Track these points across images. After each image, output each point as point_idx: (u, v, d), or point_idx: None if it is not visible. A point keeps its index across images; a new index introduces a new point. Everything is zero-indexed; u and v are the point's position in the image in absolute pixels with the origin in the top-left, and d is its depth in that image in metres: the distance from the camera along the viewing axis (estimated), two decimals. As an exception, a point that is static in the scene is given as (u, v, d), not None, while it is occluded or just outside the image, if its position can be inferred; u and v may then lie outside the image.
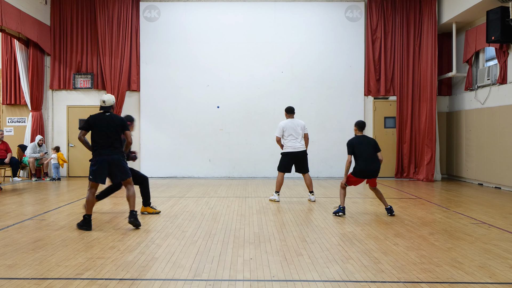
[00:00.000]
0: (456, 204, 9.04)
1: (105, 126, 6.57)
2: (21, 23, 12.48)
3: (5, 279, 4.36)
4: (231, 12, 14.44)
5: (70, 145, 14.49)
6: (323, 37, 14.40)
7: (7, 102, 14.30)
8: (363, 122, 7.89)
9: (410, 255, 5.24)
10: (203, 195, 10.17)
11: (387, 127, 14.45)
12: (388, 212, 7.66)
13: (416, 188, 11.71)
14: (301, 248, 5.55)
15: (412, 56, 14.14)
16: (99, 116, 6.67)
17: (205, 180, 13.61)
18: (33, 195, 10.21)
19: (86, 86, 14.42)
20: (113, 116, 6.72)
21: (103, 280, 4.33)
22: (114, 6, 14.22)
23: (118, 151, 6.66)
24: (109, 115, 6.68)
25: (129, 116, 8.06)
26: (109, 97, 6.80)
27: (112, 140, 6.57)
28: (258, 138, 14.39)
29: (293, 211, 8.12)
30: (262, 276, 4.48)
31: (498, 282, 4.35)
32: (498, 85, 11.68)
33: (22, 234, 6.25)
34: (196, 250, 5.41)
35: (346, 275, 4.51)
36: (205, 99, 14.37)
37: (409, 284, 4.27)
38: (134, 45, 14.33)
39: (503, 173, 11.30)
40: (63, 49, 14.42)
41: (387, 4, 14.23)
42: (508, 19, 10.54)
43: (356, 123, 7.85)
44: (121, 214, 7.78)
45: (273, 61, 14.38)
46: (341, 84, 14.28)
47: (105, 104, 6.71)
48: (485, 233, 6.36)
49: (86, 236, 6.11)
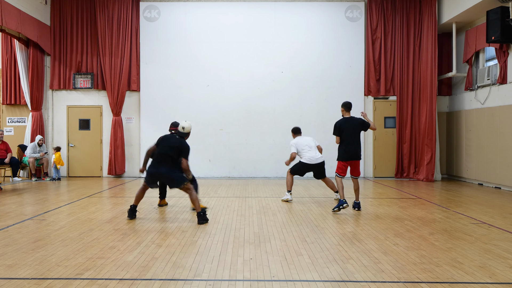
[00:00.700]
0: (456, 204, 9.04)
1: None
2: (21, 23, 12.48)
3: (5, 279, 4.36)
4: (231, 12, 14.44)
5: (70, 145, 14.49)
6: (323, 37, 14.40)
7: (7, 102, 14.31)
8: (349, 102, 8.09)
9: (410, 255, 5.24)
10: (203, 195, 10.16)
11: (387, 127, 14.45)
12: (355, 206, 8.02)
13: (416, 188, 11.71)
14: (301, 248, 5.55)
15: (412, 56, 14.14)
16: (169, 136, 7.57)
17: (205, 180, 13.60)
18: (33, 195, 10.21)
19: (86, 86, 14.42)
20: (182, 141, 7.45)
21: (103, 280, 4.33)
22: (114, 6, 14.22)
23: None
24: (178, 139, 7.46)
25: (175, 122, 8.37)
26: (189, 125, 7.50)
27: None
28: (258, 138, 14.39)
29: (293, 211, 8.12)
30: (262, 276, 4.48)
31: (498, 282, 4.35)
32: (498, 85, 11.68)
33: (22, 234, 6.25)
34: (196, 250, 5.41)
35: (346, 275, 4.51)
36: (205, 99, 14.37)
37: (409, 284, 4.27)
38: (134, 45, 14.33)
39: (503, 173, 11.30)
40: (63, 49, 14.42)
41: (387, 4, 14.23)
42: (508, 19, 10.54)
43: (343, 104, 8.06)
44: (121, 214, 7.79)
45: (273, 61, 14.38)
46: (341, 84, 14.28)
47: (184, 131, 7.44)
48: (485, 233, 6.36)
49: (86, 236, 6.11)
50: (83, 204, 8.86)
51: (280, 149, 14.30)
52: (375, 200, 9.28)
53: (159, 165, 7.20)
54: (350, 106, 8.15)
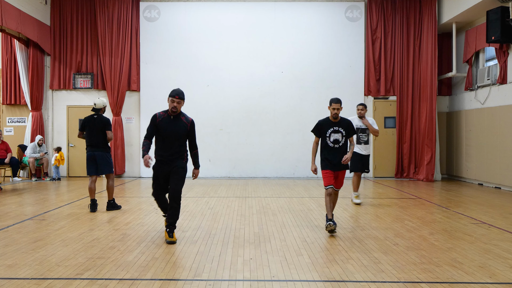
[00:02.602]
0: (456, 204, 9.04)
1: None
2: (21, 23, 12.48)
3: (5, 279, 4.36)
4: (231, 12, 14.44)
5: (70, 145, 14.49)
6: (323, 37, 14.40)
7: (7, 102, 14.31)
8: (336, 98, 6.53)
9: (410, 255, 5.24)
10: (203, 195, 10.17)
11: (387, 127, 14.45)
12: (331, 222, 6.18)
13: (416, 188, 11.71)
14: (301, 248, 5.55)
15: (412, 56, 14.14)
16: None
17: (205, 180, 13.60)
18: (33, 195, 10.21)
19: (86, 86, 14.42)
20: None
21: (103, 280, 4.33)
22: (114, 6, 14.22)
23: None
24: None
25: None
26: (101, 101, 8.21)
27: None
28: (258, 138, 14.39)
29: (293, 211, 8.12)
30: (262, 276, 4.48)
31: (498, 282, 4.35)
32: (498, 85, 11.68)
33: (22, 234, 6.25)
34: (196, 250, 5.41)
35: (346, 275, 4.51)
36: (205, 99, 14.37)
37: (409, 284, 4.26)
38: (134, 45, 14.33)
39: (503, 173, 11.30)
40: (63, 49, 14.42)
41: (387, 4, 14.23)
42: (508, 19, 10.54)
43: (330, 100, 6.51)
44: (121, 214, 7.79)
45: (273, 61, 14.38)
46: (341, 84, 14.28)
47: (96, 106, 8.14)
48: (485, 233, 6.35)
49: (86, 236, 6.11)
50: (83, 204, 8.86)
51: (280, 149, 14.30)
52: (375, 200, 9.27)
53: (93, 148, 8.07)
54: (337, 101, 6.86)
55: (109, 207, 8.16)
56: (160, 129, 5.83)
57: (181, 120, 5.94)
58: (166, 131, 5.81)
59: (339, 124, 6.49)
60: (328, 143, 6.45)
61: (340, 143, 6.45)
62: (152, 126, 5.87)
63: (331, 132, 6.45)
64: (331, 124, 6.49)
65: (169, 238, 5.75)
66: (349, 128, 6.54)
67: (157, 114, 5.92)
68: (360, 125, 8.77)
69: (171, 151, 5.83)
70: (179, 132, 5.85)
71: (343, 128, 6.49)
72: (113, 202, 8.24)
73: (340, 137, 6.45)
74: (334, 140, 6.44)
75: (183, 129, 5.89)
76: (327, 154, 6.45)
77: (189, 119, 6.02)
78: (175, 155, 5.84)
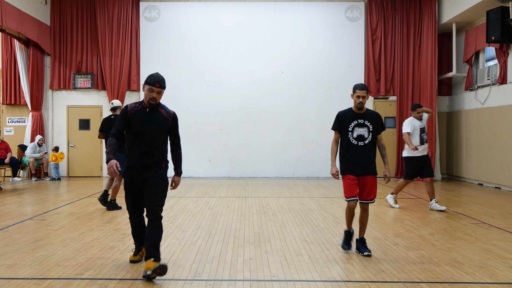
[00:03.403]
0: (456, 204, 9.04)
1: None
2: (21, 23, 12.48)
3: (5, 279, 4.36)
4: (231, 12, 14.44)
5: (70, 145, 14.49)
6: (323, 37, 14.40)
7: (7, 102, 14.30)
8: (362, 84, 5.44)
9: (410, 255, 5.24)
10: (203, 195, 10.17)
11: (387, 127, 14.42)
12: (360, 246, 5.31)
13: (416, 188, 11.70)
14: (301, 248, 5.55)
15: (412, 56, 14.14)
16: None
17: (205, 180, 13.60)
18: (33, 195, 10.21)
19: (86, 86, 14.42)
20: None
21: (103, 280, 4.33)
22: (114, 6, 14.22)
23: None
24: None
25: None
26: (117, 101, 8.55)
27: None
28: (258, 138, 14.38)
29: (293, 211, 8.12)
30: (262, 276, 4.48)
31: (498, 282, 4.35)
32: (498, 85, 11.67)
33: (22, 234, 6.25)
34: (196, 250, 5.41)
35: (346, 275, 4.51)
36: (205, 99, 14.37)
37: (409, 284, 4.26)
38: (134, 45, 14.32)
39: (503, 173, 11.30)
40: (63, 49, 14.41)
41: (387, 4, 14.23)
42: (508, 19, 10.53)
43: (354, 87, 5.46)
44: (121, 214, 7.78)
45: (273, 61, 14.38)
46: (341, 84, 14.27)
47: (112, 105, 8.49)
48: (485, 233, 6.35)
49: (86, 236, 6.11)
50: (83, 204, 8.86)
51: (280, 149, 14.30)
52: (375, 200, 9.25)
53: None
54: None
55: (110, 207, 8.17)
56: (133, 125, 4.57)
57: (160, 113, 4.66)
58: (140, 127, 4.55)
59: (364, 116, 5.20)
60: (350, 140, 5.19)
61: (365, 140, 5.19)
62: (121, 120, 4.61)
63: (355, 125, 5.18)
64: (354, 116, 5.21)
65: (132, 257, 4.89)
66: (378, 121, 5.23)
67: (128, 105, 4.68)
68: (421, 125, 8.71)
69: (146, 154, 4.56)
70: (157, 128, 4.59)
71: (370, 121, 5.19)
72: (114, 202, 8.24)
73: (366, 133, 5.18)
74: (358, 136, 5.18)
75: (163, 124, 4.63)
76: (349, 154, 5.23)
77: (170, 112, 4.74)
78: (151, 158, 4.58)
